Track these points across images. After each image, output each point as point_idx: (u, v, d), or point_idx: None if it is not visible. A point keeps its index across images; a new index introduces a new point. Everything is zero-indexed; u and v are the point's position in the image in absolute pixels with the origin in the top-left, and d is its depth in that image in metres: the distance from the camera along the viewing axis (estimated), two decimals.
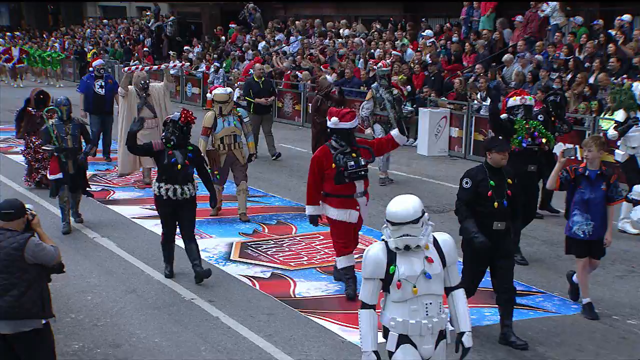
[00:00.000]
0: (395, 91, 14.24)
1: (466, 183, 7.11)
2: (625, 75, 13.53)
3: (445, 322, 5.11)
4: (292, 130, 20.42)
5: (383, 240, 5.14)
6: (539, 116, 10.99)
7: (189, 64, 26.22)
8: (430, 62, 19.66)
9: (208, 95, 12.82)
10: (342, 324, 7.98)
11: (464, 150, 17.12)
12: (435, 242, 5.13)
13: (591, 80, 15.91)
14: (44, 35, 39.63)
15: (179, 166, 8.70)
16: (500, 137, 9.56)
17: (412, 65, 19.82)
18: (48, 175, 11.42)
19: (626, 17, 17.61)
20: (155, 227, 11.39)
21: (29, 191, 13.30)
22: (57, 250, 5.66)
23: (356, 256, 8.52)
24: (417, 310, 4.98)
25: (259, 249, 10.41)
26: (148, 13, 34.91)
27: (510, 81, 17.37)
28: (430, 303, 4.99)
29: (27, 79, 32.77)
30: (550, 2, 19.03)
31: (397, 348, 5.07)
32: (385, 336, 5.18)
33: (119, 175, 14.37)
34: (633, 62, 15.60)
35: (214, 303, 8.53)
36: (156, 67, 13.53)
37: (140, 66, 13.57)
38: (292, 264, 9.87)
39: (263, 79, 17.28)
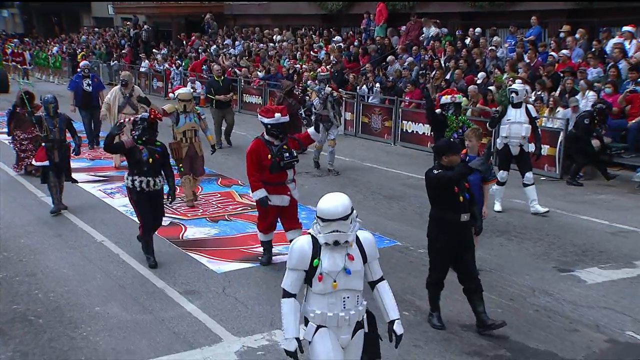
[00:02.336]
0: (334, 93, 13.37)
1: (437, 170, 6.28)
2: (509, 77, 13.99)
3: (362, 313, 4.51)
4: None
5: (309, 233, 4.45)
6: (585, 120, 10.97)
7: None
8: (335, 61, 20.11)
9: (171, 94, 11.97)
10: (211, 257, 8.45)
11: (354, 130, 17.68)
12: (357, 240, 4.46)
13: (448, 76, 16.59)
14: (47, 41, 39.26)
15: (151, 160, 7.96)
16: (436, 130, 9.38)
17: (320, 64, 20.19)
18: (34, 162, 10.58)
19: (478, 30, 18.25)
20: (93, 188, 11.81)
21: (21, 177, 12.53)
22: None
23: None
24: (334, 304, 4.37)
25: (166, 204, 10.74)
26: (129, 23, 34.76)
27: (390, 75, 17.97)
28: (348, 297, 4.37)
29: (38, 76, 32.48)
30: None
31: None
32: (306, 326, 4.55)
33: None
34: (477, 63, 16.29)
35: (118, 244, 8.95)
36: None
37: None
38: (189, 215, 10.29)
39: (222, 78, 16.49)
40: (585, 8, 16.43)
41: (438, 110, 9.62)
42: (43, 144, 10.20)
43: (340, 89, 18.20)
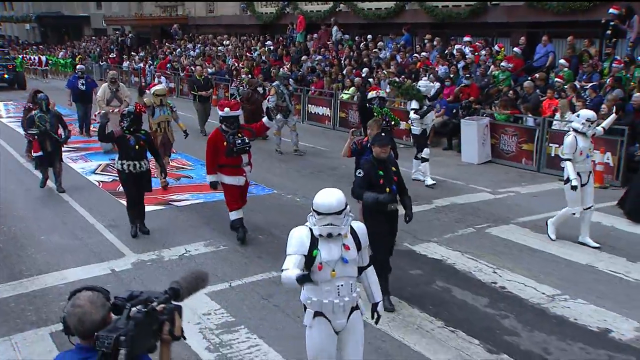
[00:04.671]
0: (291, 88, 12.80)
1: (359, 173, 5.60)
2: (403, 77, 14.57)
3: (356, 299, 3.87)
4: (188, 106, 21.07)
5: (306, 225, 3.82)
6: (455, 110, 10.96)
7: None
8: (264, 60, 20.64)
9: (147, 91, 10.91)
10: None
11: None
12: (352, 230, 3.85)
13: (344, 72, 17.24)
14: (56, 47, 38.72)
15: (137, 147, 7.50)
16: (364, 119, 8.85)
17: (254, 62, 20.77)
18: (32, 153, 10.15)
19: (370, 36, 18.91)
20: (67, 159, 11.91)
21: (29, 163, 11.59)
22: None
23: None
24: (330, 292, 3.76)
25: (115, 166, 11.13)
26: (117, 32, 34.58)
27: (302, 70, 18.61)
28: (342, 284, 3.76)
29: (51, 77, 31.91)
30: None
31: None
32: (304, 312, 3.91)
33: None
34: (365, 61, 17.03)
35: (71, 195, 9.48)
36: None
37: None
38: None
39: (203, 77, 15.62)
40: (442, 22, 17.33)
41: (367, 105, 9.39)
42: (36, 136, 9.65)
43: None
